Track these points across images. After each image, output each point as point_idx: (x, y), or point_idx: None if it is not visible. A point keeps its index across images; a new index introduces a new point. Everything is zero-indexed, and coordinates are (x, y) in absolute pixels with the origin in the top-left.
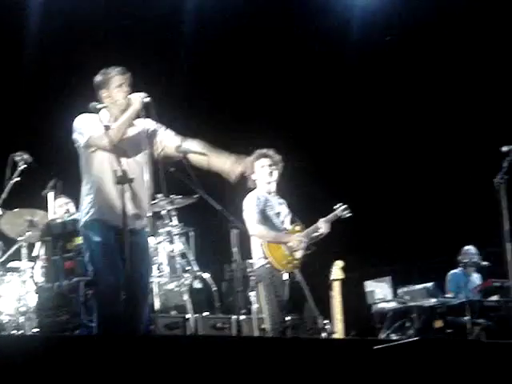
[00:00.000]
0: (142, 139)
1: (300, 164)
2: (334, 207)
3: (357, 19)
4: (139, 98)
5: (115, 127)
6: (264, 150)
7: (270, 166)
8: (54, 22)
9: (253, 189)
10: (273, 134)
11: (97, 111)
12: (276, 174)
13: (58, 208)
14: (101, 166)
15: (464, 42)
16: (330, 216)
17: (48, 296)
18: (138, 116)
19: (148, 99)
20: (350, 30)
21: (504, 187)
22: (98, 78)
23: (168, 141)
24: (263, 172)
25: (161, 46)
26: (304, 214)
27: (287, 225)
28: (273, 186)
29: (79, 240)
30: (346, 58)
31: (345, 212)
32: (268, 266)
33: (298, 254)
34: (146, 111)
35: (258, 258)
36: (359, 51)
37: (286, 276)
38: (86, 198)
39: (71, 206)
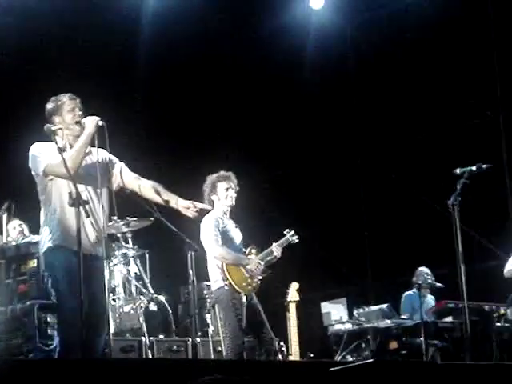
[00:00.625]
0: (98, 167)
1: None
2: (284, 232)
3: (311, 42)
4: (93, 122)
5: (73, 153)
6: (227, 173)
7: (232, 188)
8: (8, 43)
9: (209, 210)
10: (228, 156)
11: (51, 133)
12: (234, 197)
13: (11, 230)
14: (60, 193)
15: (416, 65)
16: (282, 241)
17: (1, 319)
18: (92, 139)
19: (102, 122)
20: (304, 53)
21: (457, 209)
22: (50, 105)
23: (126, 174)
24: (227, 194)
25: (116, 69)
26: (257, 238)
27: (242, 248)
28: (229, 209)
29: (33, 263)
30: (304, 80)
31: (294, 237)
32: (227, 288)
33: (256, 278)
34: (99, 135)
35: (216, 281)
36: (314, 73)
37: (244, 298)
38: (47, 225)
39: (25, 228)
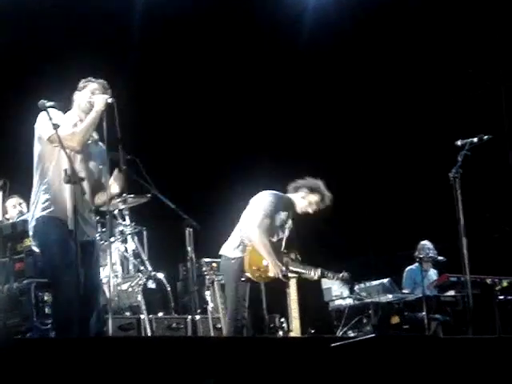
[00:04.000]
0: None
1: None
2: (341, 274)
3: (308, 13)
4: (103, 99)
5: (82, 128)
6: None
7: (316, 204)
8: (7, 25)
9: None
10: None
11: (45, 108)
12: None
13: (10, 208)
14: (60, 165)
15: (416, 34)
16: (330, 274)
17: None
18: (101, 117)
19: (111, 100)
20: (301, 24)
21: (459, 181)
22: (82, 81)
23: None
24: (309, 209)
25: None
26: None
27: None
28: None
29: (29, 241)
30: (301, 51)
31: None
32: (238, 262)
33: (271, 274)
34: (108, 113)
35: (232, 249)
36: (312, 44)
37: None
38: (42, 195)
39: (24, 207)
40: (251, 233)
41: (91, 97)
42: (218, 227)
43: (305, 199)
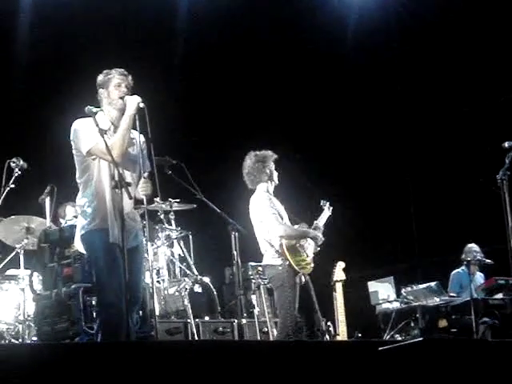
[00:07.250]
0: (138, 151)
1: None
2: (321, 204)
3: (354, 15)
4: (135, 103)
5: (117, 140)
6: (266, 154)
7: (274, 169)
8: (48, 24)
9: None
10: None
11: (93, 114)
12: None
13: (72, 215)
14: (102, 174)
15: (462, 36)
16: (323, 216)
17: (47, 304)
18: (134, 121)
19: (142, 104)
20: (347, 27)
21: (506, 183)
22: (100, 77)
23: None
24: (276, 175)
25: (155, 46)
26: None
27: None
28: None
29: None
30: (346, 54)
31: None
32: (287, 268)
33: (310, 255)
34: (140, 116)
35: (272, 259)
36: (357, 48)
37: (300, 278)
38: (89, 206)
39: None
40: (279, 232)
41: (121, 90)
42: None
43: (271, 176)
